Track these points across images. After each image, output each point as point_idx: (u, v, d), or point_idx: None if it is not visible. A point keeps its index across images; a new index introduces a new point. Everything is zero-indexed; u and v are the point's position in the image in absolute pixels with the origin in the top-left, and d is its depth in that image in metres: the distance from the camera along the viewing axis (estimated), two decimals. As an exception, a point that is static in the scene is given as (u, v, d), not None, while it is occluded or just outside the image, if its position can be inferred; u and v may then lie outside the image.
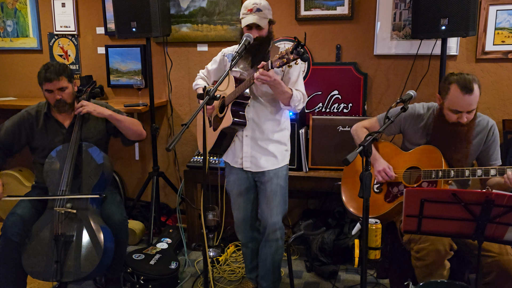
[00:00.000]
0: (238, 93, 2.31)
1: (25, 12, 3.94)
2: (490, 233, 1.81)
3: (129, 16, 3.25)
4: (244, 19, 2.32)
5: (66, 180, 2.41)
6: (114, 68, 3.82)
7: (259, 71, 2.14)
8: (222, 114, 2.45)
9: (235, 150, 2.51)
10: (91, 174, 2.48)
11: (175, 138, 1.70)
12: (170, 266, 2.88)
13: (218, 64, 2.58)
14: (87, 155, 2.52)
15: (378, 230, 1.97)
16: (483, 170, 2.14)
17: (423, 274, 2.16)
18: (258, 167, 2.46)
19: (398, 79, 3.27)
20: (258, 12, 2.30)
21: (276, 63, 2.09)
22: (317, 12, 3.30)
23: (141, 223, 3.62)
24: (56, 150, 2.52)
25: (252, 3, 2.31)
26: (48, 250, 2.30)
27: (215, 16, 3.52)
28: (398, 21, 3.19)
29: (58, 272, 2.24)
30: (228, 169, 2.59)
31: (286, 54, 2.05)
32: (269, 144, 2.46)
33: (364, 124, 2.58)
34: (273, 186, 2.46)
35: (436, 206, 1.80)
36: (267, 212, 2.47)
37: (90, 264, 2.27)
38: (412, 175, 2.33)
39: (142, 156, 3.92)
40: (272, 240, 2.50)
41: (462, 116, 2.18)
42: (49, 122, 2.62)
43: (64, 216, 2.35)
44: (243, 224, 2.61)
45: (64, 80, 2.54)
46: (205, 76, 2.69)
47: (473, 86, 2.13)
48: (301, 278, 3.00)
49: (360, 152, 1.79)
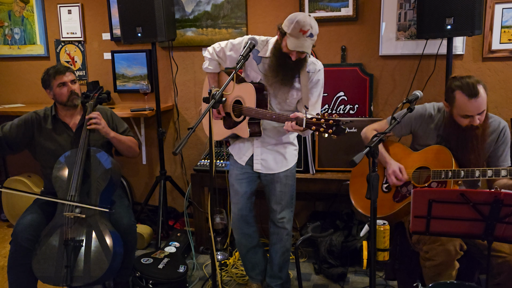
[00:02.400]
0: (259, 116, 2.28)
1: (32, 19, 3.99)
2: (500, 233, 1.79)
3: (134, 22, 3.28)
4: (294, 40, 2.12)
5: (75, 185, 2.42)
6: (120, 73, 3.84)
7: (293, 126, 2.06)
8: (238, 119, 2.44)
9: (243, 148, 2.51)
10: (99, 179, 2.50)
11: (182, 142, 1.71)
12: (179, 270, 2.88)
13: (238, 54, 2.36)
14: (95, 160, 2.53)
15: (386, 231, 1.96)
16: (494, 171, 2.12)
17: (431, 274, 2.14)
18: (268, 169, 2.47)
19: (404, 79, 3.25)
20: (310, 38, 2.14)
21: (312, 127, 1.97)
22: (322, 14, 3.30)
23: (149, 227, 3.63)
24: (64, 156, 2.54)
25: (308, 24, 2.12)
26: (58, 255, 2.31)
27: (219, 20, 3.53)
28: (403, 21, 3.18)
29: (68, 277, 2.25)
30: (233, 162, 2.59)
31: (326, 125, 1.93)
32: (279, 146, 2.47)
33: (374, 127, 2.57)
34: (283, 187, 2.49)
35: (444, 207, 1.79)
36: (276, 207, 2.51)
37: (100, 269, 2.28)
38: (422, 175, 2.32)
39: (149, 161, 3.94)
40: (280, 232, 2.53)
41: (474, 119, 2.16)
42: (57, 124, 2.64)
43: (73, 221, 2.36)
44: (239, 220, 2.58)
45: (72, 74, 2.62)
46: (220, 58, 2.47)
47: (478, 89, 2.11)
48: (309, 281, 2.99)
49: (366, 153, 1.78)
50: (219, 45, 2.47)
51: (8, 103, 4.12)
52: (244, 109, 2.38)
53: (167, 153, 3.76)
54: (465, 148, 2.23)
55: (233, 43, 2.41)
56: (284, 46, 2.19)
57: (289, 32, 2.14)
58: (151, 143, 3.89)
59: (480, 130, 2.19)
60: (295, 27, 2.11)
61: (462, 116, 2.18)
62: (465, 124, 2.19)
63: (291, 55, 2.20)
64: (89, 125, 2.53)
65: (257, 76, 2.39)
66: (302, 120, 2.02)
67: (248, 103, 2.36)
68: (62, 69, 2.58)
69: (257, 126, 2.38)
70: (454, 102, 2.19)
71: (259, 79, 2.38)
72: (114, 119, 2.77)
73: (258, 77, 2.39)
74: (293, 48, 2.14)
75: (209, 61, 2.51)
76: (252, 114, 2.31)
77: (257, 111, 2.28)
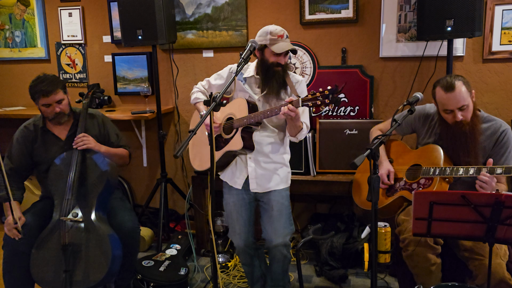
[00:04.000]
0: (253, 120, 2.29)
1: (33, 22, 4.00)
2: (501, 235, 1.79)
3: (135, 24, 3.28)
4: (276, 45, 2.27)
5: (71, 188, 2.39)
6: (121, 76, 3.85)
7: (289, 107, 2.11)
8: (228, 136, 2.44)
9: (235, 171, 2.49)
10: (96, 182, 2.46)
11: (183, 145, 1.70)
12: (180, 272, 2.88)
13: (224, 81, 2.52)
14: (91, 162, 2.48)
15: (387, 233, 1.96)
16: (476, 169, 2.14)
17: (410, 266, 2.23)
18: (264, 188, 2.44)
19: (404, 81, 3.25)
20: (287, 39, 2.31)
21: (309, 103, 2.04)
22: (322, 16, 3.31)
23: (150, 230, 3.63)
24: (60, 158, 2.49)
25: (280, 29, 2.30)
26: (56, 260, 2.29)
27: (220, 22, 3.53)
28: (403, 23, 3.18)
29: (67, 282, 2.24)
30: (227, 189, 2.55)
31: (321, 97, 2.00)
32: (272, 165, 2.45)
33: (380, 127, 2.67)
34: (279, 206, 2.44)
35: (445, 209, 1.79)
36: (271, 232, 2.43)
37: (99, 273, 2.27)
38: (414, 172, 2.38)
39: (150, 163, 3.94)
40: (279, 259, 2.49)
41: (455, 114, 2.20)
42: (46, 136, 2.58)
43: (70, 225, 2.34)
44: (245, 248, 2.55)
45: (60, 92, 2.48)
46: (206, 90, 2.62)
47: (455, 83, 2.17)
48: (310, 283, 2.98)
49: (367, 156, 1.79)
50: (205, 80, 2.64)
51: (9, 106, 4.13)
52: (235, 121, 2.38)
53: (168, 155, 3.76)
54: (454, 145, 2.28)
55: (217, 73, 2.58)
56: (269, 56, 2.31)
57: (269, 43, 2.29)
58: (152, 145, 3.89)
59: (468, 127, 2.22)
60: (272, 36, 2.28)
61: (444, 111, 2.25)
62: (450, 121, 2.25)
63: (280, 60, 2.31)
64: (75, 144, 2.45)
65: (245, 95, 2.43)
66: (297, 101, 2.11)
67: (239, 116, 2.37)
68: (48, 90, 2.43)
69: (250, 138, 2.37)
70: (435, 99, 2.28)
71: (247, 97, 2.42)
72: (106, 126, 2.70)
73: (246, 95, 2.43)
74: (281, 50, 2.26)
75: (196, 93, 2.63)
76: (245, 121, 2.32)
77: (249, 116, 2.30)
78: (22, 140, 2.57)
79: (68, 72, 3.99)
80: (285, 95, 2.39)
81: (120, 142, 2.74)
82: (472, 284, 2.12)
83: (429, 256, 2.16)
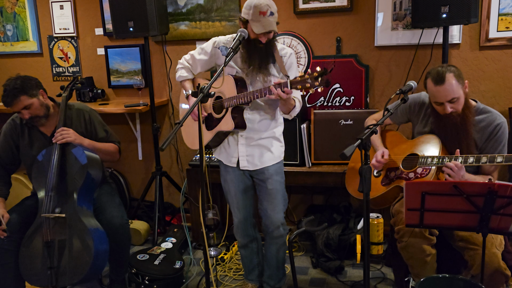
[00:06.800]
0: (243, 100, 2.25)
1: (24, 15, 3.95)
2: (495, 225, 1.77)
3: (126, 16, 3.23)
4: (258, 24, 2.15)
5: (52, 183, 2.34)
6: (114, 68, 3.81)
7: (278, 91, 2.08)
8: (219, 115, 2.41)
9: (229, 149, 2.47)
10: (76, 176, 2.39)
11: (169, 137, 1.67)
12: (175, 265, 2.87)
13: (209, 57, 2.45)
14: (71, 156, 2.42)
15: (380, 224, 1.95)
16: (475, 158, 2.09)
17: (406, 258, 2.21)
18: (255, 165, 2.43)
19: (400, 70, 3.21)
20: (272, 16, 2.17)
21: (298, 86, 2.02)
22: (316, 5, 3.25)
23: (146, 223, 3.61)
24: (41, 154, 2.44)
25: (265, 4, 2.15)
26: (42, 257, 2.29)
27: (213, 12, 3.48)
28: (399, 10, 3.12)
29: (53, 278, 2.24)
30: (223, 168, 2.55)
31: (310, 79, 1.97)
32: (264, 141, 2.43)
33: (375, 117, 2.63)
34: (274, 183, 2.43)
35: (437, 199, 1.77)
36: (270, 209, 2.44)
37: (82, 268, 2.24)
38: (411, 161, 2.35)
39: (145, 156, 3.92)
40: (277, 237, 2.49)
41: (445, 106, 2.16)
42: (32, 132, 2.54)
43: (54, 222, 2.31)
44: (244, 224, 2.56)
45: (24, 98, 2.38)
46: (190, 65, 2.53)
47: (445, 76, 2.11)
48: (307, 275, 2.97)
49: (358, 146, 1.75)
50: (188, 54, 2.54)
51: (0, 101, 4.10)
52: (225, 100, 2.35)
53: (162, 148, 3.72)
54: (446, 136, 2.25)
55: (201, 47, 2.49)
56: (250, 32, 2.21)
57: (251, 18, 2.17)
58: (147, 138, 3.87)
59: (459, 119, 2.18)
60: (254, 11, 2.15)
61: (435, 103, 2.21)
62: (441, 112, 2.21)
63: (260, 39, 2.22)
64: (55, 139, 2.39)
65: (232, 71, 2.39)
66: (286, 82, 2.06)
67: (228, 94, 2.33)
68: (8, 101, 2.37)
69: (241, 117, 2.34)
70: (427, 90, 2.24)
71: (235, 72, 2.38)
72: (93, 122, 2.63)
73: (234, 71, 2.39)
74: (259, 31, 2.16)
75: (180, 70, 2.55)
76: (234, 101, 2.28)
77: (238, 96, 2.26)
78: (9, 133, 2.55)
79: (61, 66, 3.95)
80: (273, 70, 2.34)
81: (109, 138, 2.68)
82: (468, 274, 2.11)
83: (424, 247, 2.14)
